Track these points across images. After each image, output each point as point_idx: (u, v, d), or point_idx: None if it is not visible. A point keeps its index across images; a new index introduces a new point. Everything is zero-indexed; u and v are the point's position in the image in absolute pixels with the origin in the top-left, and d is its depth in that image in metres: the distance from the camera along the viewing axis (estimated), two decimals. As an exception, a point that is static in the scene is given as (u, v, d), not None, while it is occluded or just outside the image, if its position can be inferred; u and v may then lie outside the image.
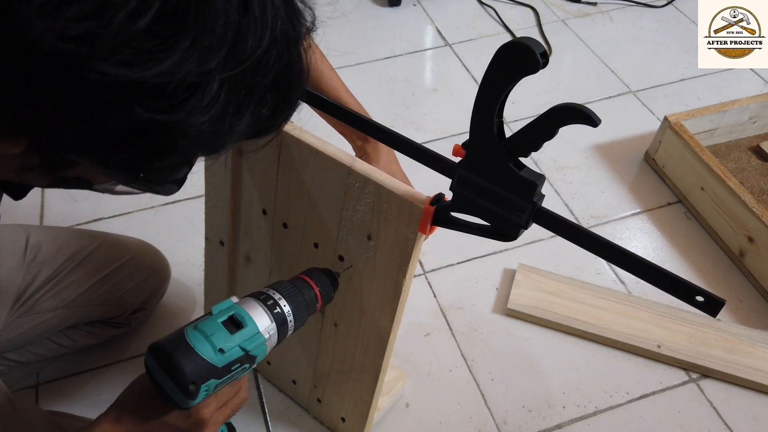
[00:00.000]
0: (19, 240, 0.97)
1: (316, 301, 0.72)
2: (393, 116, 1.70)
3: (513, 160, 0.57)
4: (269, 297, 0.67)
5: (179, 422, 0.63)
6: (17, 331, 0.96)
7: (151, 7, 0.35)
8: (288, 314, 0.67)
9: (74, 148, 0.41)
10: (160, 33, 0.36)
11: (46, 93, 0.36)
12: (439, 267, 1.35)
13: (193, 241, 1.33)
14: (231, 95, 0.41)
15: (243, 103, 0.42)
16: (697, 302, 0.54)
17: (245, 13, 0.39)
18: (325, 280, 0.74)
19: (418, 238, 0.71)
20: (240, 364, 0.62)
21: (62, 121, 0.38)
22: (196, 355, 0.59)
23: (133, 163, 0.43)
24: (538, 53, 0.49)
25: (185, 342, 0.60)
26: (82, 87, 0.36)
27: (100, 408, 0.65)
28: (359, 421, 0.98)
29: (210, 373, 0.60)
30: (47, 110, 0.37)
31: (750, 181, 1.48)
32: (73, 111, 0.37)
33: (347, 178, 0.74)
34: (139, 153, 0.42)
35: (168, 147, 0.42)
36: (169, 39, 0.36)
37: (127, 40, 0.35)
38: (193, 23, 0.37)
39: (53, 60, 0.34)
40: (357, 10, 2.08)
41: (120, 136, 0.40)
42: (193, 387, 0.59)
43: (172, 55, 0.36)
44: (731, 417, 1.12)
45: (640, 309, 1.24)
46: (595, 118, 0.49)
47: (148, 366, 0.62)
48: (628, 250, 0.56)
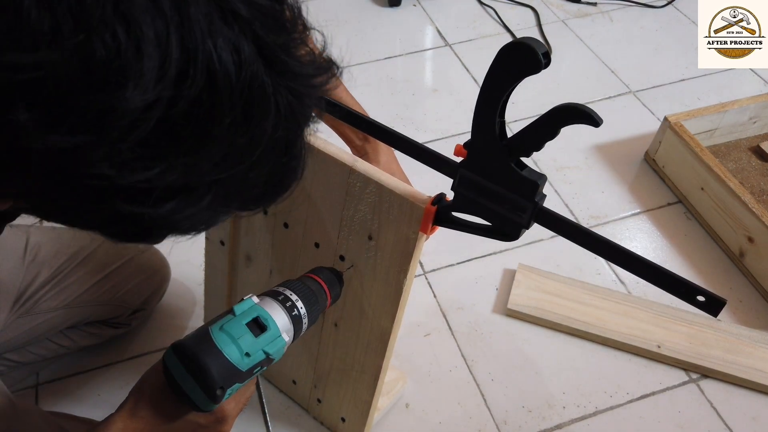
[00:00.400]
0: (19, 240, 0.97)
1: (326, 301, 0.72)
2: (393, 116, 1.70)
3: (514, 160, 0.57)
4: (287, 298, 0.66)
5: (199, 419, 0.64)
6: (17, 331, 0.96)
7: (149, 119, 0.34)
8: (304, 316, 0.67)
9: (59, 218, 0.42)
10: (153, 144, 0.35)
11: (36, 178, 0.37)
12: (440, 267, 1.35)
13: (194, 240, 1.33)
14: (219, 193, 0.41)
15: (230, 197, 0.42)
16: (698, 302, 0.54)
17: (245, 128, 0.38)
18: (333, 279, 0.74)
19: (420, 237, 0.71)
20: (261, 367, 0.62)
21: (49, 201, 0.40)
22: (223, 359, 0.58)
23: (112, 237, 0.44)
24: (540, 53, 0.49)
25: (212, 344, 0.59)
26: (70, 180, 0.36)
27: (101, 408, 0.65)
28: (359, 421, 0.98)
29: (236, 377, 0.60)
30: (36, 190, 0.38)
31: (750, 181, 1.48)
32: (60, 197, 0.38)
33: (348, 177, 0.74)
34: (118, 232, 0.43)
35: (146, 231, 0.42)
36: (161, 151, 0.36)
37: (120, 150, 0.35)
38: (189, 139, 0.36)
39: (45, 158, 0.35)
40: (357, 11, 2.08)
41: (103, 219, 0.41)
42: (220, 392, 0.58)
43: (161, 164, 0.36)
44: (731, 417, 1.12)
45: (640, 309, 1.24)
46: (597, 117, 0.49)
47: (168, 365, 0.61)
48: (629, 249, 0.56)
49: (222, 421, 0.65)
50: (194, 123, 0.36)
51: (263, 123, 0.38)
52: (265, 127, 0.39)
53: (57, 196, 0.38)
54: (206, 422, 0.64)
